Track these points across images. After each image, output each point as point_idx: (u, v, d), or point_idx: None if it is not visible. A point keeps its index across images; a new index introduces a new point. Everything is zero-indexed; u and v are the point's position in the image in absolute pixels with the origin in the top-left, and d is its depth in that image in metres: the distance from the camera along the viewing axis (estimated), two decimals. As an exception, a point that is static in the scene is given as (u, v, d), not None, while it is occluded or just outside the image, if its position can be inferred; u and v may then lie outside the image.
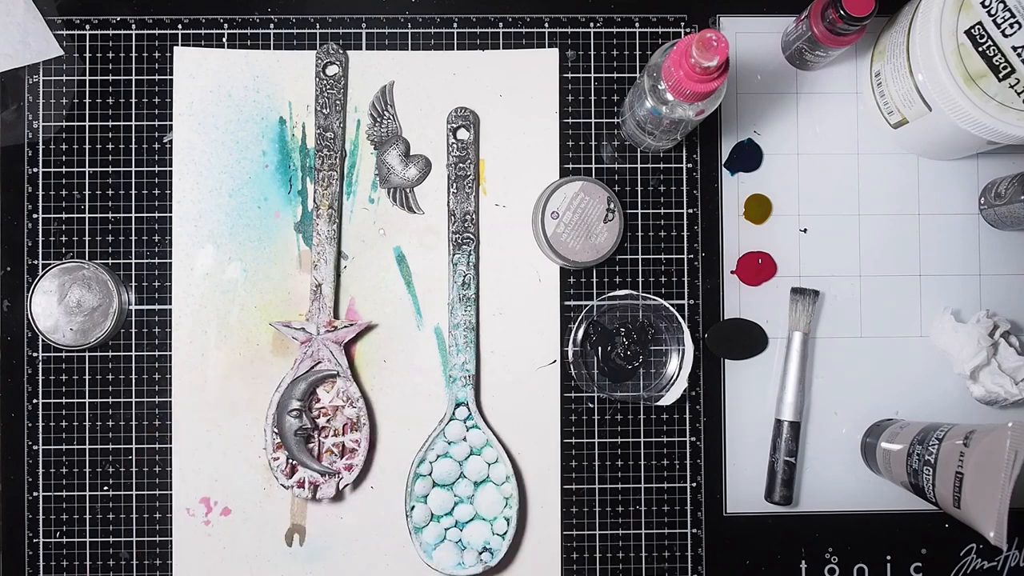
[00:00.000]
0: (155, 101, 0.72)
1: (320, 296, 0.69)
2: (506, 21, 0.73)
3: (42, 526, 0.70)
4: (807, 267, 0.72)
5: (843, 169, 0.73)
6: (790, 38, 0.71)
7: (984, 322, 0.70)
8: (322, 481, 0.67)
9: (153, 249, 0.71)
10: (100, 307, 0.69)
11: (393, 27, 0.72)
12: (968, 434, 0.62)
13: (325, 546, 0.70)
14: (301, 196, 0.71)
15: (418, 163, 0.71)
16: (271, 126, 0.71)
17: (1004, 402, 0.70)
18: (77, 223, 0.71)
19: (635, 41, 0.73)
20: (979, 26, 0.62)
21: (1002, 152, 0.73)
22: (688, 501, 0.72)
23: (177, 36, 0.72)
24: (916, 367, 0.72)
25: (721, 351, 0.72)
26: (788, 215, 0.73)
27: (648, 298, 0.70)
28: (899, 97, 0.68)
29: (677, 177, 0.73)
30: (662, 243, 0.72)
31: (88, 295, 0.69)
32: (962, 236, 0.73)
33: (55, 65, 0.71)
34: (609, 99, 0.73)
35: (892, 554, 0.72)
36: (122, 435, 0.70)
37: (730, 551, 0.72)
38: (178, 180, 0.71)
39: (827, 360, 0.72)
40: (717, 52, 0.55)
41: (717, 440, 0.72)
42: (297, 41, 0.72)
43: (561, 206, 0.68)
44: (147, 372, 0.71)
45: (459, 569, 0.68)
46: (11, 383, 0.70)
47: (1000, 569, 0.72)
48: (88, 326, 0.69)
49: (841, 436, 0.72)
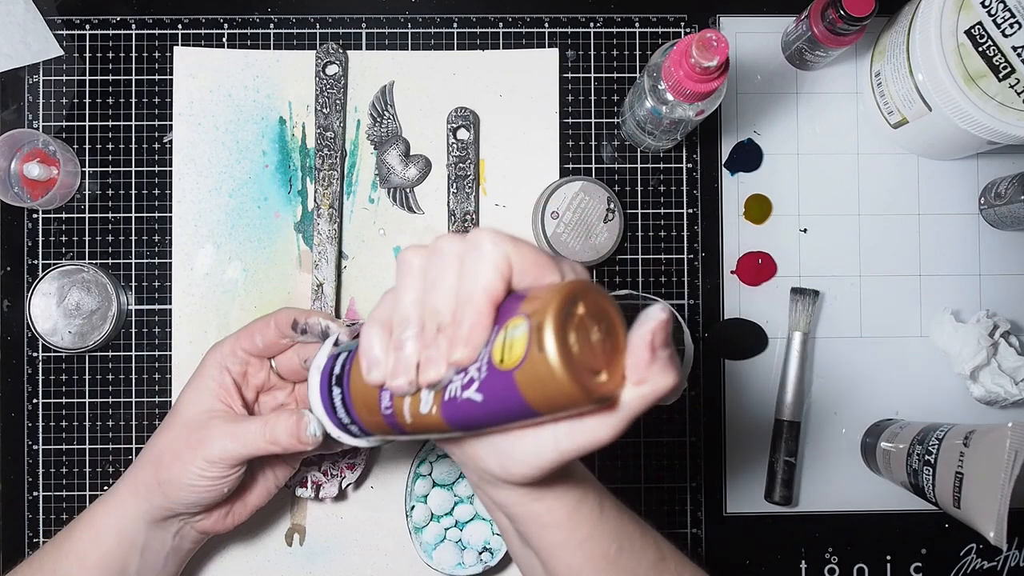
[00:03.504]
0: (155, 101, 0.72)
1: (322, 296, 0.69)
2: (506, 21, 0.73)
3: (42, 526, 0.70)
4: (807, 267, 0.72)
5: (843, 169, 0.73)
6: (790, 38, 0.71)
7: (984, 322, 0.70)
8: (324, 481, 0.67)
9: (153, 249, 0.71)
10: (99, 310, 0.69)
11: (393, 27, 0.72)
12: (968, 434, 0.62)
13: (325, 546, 0.70)
14: (301, 196, 0.71)
15: (418, 163, 0.71)
16: (271, 126, 0.71)
17: (1004, 402, 0.70)
18: (77, 223, 0.71)
19: (635, 41, 0.73)
20: (979, 26, 0.62)
21: (1002, 152, 0.73)
22: (688, 501, 0.72)
23: (177, 36, 0.72)
24: (916, 367, 0.72)
25: (721, 351, 0.72)
26: (788, 215, 0.73)
27: (648, 298, 0.70)
28: (899, 97, 0.68)
29: (677, 177, 0.73)
30: (662, 243, 0.72)
31: (87, 298, 0.69)
32: (962, 236, 0.73)
33: (55, 65, 0.71)
34: (609, 99, 0.73)
35: (892, 554, 0.72)
36: (122, 435, 0.70)
37: (730, 551, 0.72)
38: (178, 180, 0.71)
39: (827, 360, 0.72)
40: (717, 52, 0.55)
41: (717, 440, 0.72)
42: (297, 41, 0.72)
43: (561, 206, 0.68)
44: (147, 372, 0.71)
45: (459, 569, 0.68)
46: (11, 383, 0.70)
47: (1000, 569, 0.72)
48: (87, 329, 0.69)
49: (841, 436, 0.72)
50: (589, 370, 0.37)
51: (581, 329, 0.37)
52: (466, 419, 0.39)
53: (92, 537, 0.55)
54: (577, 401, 0.36)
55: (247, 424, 0.52)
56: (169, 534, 0.57)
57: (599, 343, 0.37)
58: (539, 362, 0.36)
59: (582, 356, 0.36)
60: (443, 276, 0.39)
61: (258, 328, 0.55)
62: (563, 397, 0.36)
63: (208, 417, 0.53)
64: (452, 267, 0.39)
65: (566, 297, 0.36)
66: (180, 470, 0.52)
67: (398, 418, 0.42)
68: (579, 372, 0.36)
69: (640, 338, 0.37)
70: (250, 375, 0.57)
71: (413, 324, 0.40)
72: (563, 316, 0.36)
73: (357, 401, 0.44)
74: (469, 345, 0.38)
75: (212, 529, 0.57)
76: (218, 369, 0.55)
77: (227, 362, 0.55)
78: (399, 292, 0.40)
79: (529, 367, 0.36)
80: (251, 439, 0.52)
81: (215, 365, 0.55)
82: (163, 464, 0.53)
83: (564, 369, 0.35)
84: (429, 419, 0.40)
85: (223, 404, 0.54)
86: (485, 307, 0.38)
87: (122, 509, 0.55)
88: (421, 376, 0.39)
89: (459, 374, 0.39)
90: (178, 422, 0.54)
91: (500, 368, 0.37)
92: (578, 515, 0.46)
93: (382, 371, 0.41)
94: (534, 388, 0.36)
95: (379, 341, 0.41)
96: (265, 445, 0.51)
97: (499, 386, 0.37)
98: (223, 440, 0.52)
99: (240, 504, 0.58)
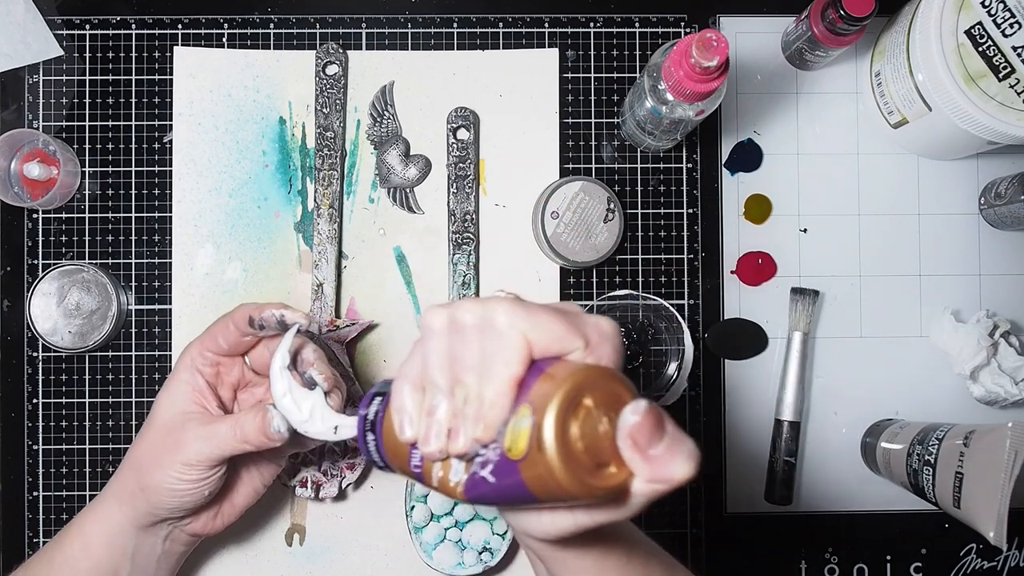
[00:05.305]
0: (155, 101, 0.72)
1: (322, 295, 0.69)
2: (506, 21, 0.73)
3: (42, 526, 0.70)
4: (807, 267, 0.72)
5: (843, 169, 0.73)
6: (790, 38, 0.71)
7: (984, 322, 0.70)
8: (324, 480, 0.67)
9: (153, 249, 0.71)
10: (99, 310, 0.69)
11: (393, 27, 0.72)
12: (968, 434, 0.62)
13: (325, 546, 0.70)
14: (301, 196, 0.71)
15: (418, 163, 0.71)
16: (271, 126, 0.71)
17: (1004, 402, 0.70)
18: (77, 223, 0.71)
19: (635, 41, 0.73)
20: (979, 26, 0.62)
21: (1002, 152, 0.73)
22: (688, 501, 0.72)
23: (177, 36, 0.72)
24: (916, 367, 0.72)
25: (721, 351, 0.72)
26: (788, 215, 0.73)
27: (648, 298, 0.70)
28: (899, 97, 0.68)
29: (677, 177, 0.73)
30: (662, 243, 0.72)
31: (87, 298, 0.69)
32: (962, 236, 0.73)
33: (55, 65, 0.71)
34: (609, 99, 0.73)
35: (892, 554, 0.72)
36: (122, 435, 0.70)
37: (730, 551, 0.72)
38: (178, 180, 0.71)
39: (827, 360, 0.72)
40: (717, 52, 0.55)
41: (717, 440, 0.72)
42: (297, 41, 0.72)
43: (561, 206, 0.68)
44: (147, 372, 0.71)
45: (459, 569, 0.68)
46: (11, 383, 0.70)
47: (1000, 569, 0.72)
48: (87, 329, 0.69)
49: (841, 436, 0.72)
50: (595, 464, 0.36)
51: (588, 421, 0.36)
52: (481, 496, 0.39)
53: (82, 546, 0.55)
54: (580, 498, 0.35)
55: (218, 425, 0.52)
56: (159, 539, 0.57)
57: (607, 434, 0.36)
58: (539, 461, 0.35)
59: (588, 451, 0.35)
60: (464, 352, 0.39)
61: (219, 330, 0.55)
62: (565, 495, 0.35)
63: (183, 420, 0.53)
64: (473, 343, 0.39)
65: (570, 392, 0.35)
66: (161, 475, 0.52)
67: (426, 480, 0.42)
68: (580, 471, 0.35)
69: (622, 443, 0.36)
70: (223, 374, 0.56)
71: (443, 389, 0.39)
72: (565, 412, 0.35)
73: (389, 452, 0.44)
74: (487, 424, 0.38)
75: (202, 531, 0.57)
76: (189, 372, 0.55)
77: (197, 364, 0.55)
78: (426, 356, 0.40)
79: (531, 463, 0.35)
80: (223, 439, 0.51)
81: (186, 368, 0.55)
82: (144, 470, 0.53)
83: (564, 470, 0.34)
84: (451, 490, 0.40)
85: (197, 406, 0.54)
86: (504, 387, 0.37)
87: (109, 517, 0.55)
88: (451, 445, 0.39)
89: (485, 448, 0.38)
90: (155, 426, 0.54)
91: (509, 457, 0.37)
92: (604, 562, 0.46)
93: (415, 431, 0.40)
94: (537, 483, 0.36)
95: (411, 400, 0.41)
96: (236, 444, 0.51)
97: (508, 473, 0.37)
98: (197, 442, 0.52)
99: (228, 505, 0.58)
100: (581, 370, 0.36)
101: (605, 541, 0.46)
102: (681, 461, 0.36)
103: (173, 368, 0.56)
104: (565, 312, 0.40)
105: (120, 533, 0.55)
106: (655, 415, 0.36)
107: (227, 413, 0.56)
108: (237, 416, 0.52)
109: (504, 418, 0.37)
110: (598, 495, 0.36)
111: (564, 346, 0.38)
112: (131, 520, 0.55)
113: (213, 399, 0.55)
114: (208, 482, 0.53)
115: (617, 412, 0.36)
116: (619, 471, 0.36)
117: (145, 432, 0.55)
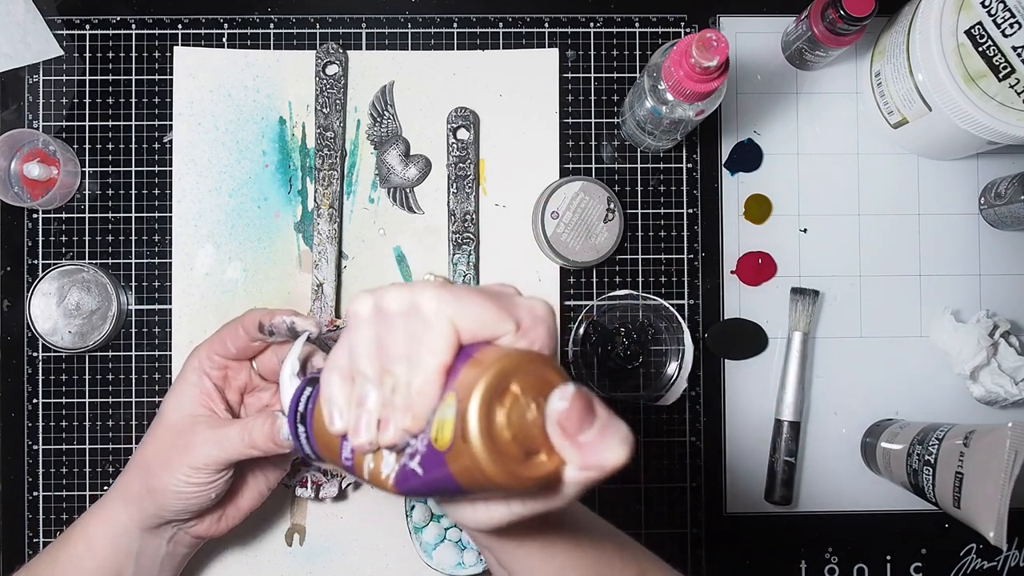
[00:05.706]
0: (155, 101, 0.72)
1: (322, 295, 0.69)
2: (506, 21, 0.73)
3: (42, 526, 0.70)
4: (807, 267, 0.72)
5: (843, 169, 0.73)
6: (790, 38, 0.71)
7: (984, 322, 0.70)
8: (324, 480, 0.67)
9: (153, 249, 0.71)
10: (99, 310, 0.69)
11: (393, 27, 0.72)
12: (968, 434, 0.62)
13: (325, 546, 0.70)
14: (301, 196, 0.71)
15: (418, 163, 0.71)
16: (271, 126, 0.71)
17: (1004, 402, 0.70)
18: (77, 223, 0.71)
19: (635, 41, 0.73)
20: (979, 26, 0.62)
21: (1002, 152, 0.73)
22: (688, 501, 0.72)
23: (177, 36, 0.72)
24: (916, 367, 0.72)
25: (721, 351, 0.72)
26: (788, 215, 0.73)
27: (648, 298, 0.70)
28: (899, 97, 0.68)
29: (677, 177, 0.73)
30: (662, 243, 0.72)
31: (87, 298, 0.69)
32: (962, 236, 0.73)
33: (55, 65, 0.71)
34: (609, 99, 0.73)
35: (892, 554, 0.72)
36: (122, 435, 0.70)
37: (730, 551, 0.72)
38: (178, 180, 0.71)
39: (827, 360, 0.72)
40: (717, 52, 0.55)
41: (717, 440, 0.72)
42: (297, 41, 0.72)
43: (561, 206, 0.68)
44: (147, 372, 0.71)
45: (459, 569, 0.68)
46: (11, 383, 0.70)
47: (1000, 569, 0.72)
48: (87, 329, 0.69)
49: (841, 436, 0.72)
50: (524, 453, 0.34)
51: (515, 409, 0.34)
52: (412, 489, 0.38)
53: (87, 546, 0.55)
54: (508, 488, 0.34)
55: (227, 429, 0.52)
56: (163, 540, 0.57)
57: (536, 422, 0.35)
58: (465, 452, 0.34)
59: (516, 440, 0.34)
60: (391, 340, 0.37)
61: (228, 334, 0.55)
62: (494, 486, 0.34)
63: (192, 422, 0.53)
64: (399, 330, 0.37)
65: (494, 378, 0.34)
66: (169, 478, 0.52)
67: (357, 472, 0.40)
68: (508, 461, 0.34)
69: (551, 430, 0.35)
70: (231, 377, 0.56)
71: (371, 379, 0.38)
72: (490, 399, 0.34)
73: (320, 444, 0.43)
74: (416, 414, 0.36)
75: (206, 534, 0.57)
76: (197, 374, 0.55)
77: (205, 367, 0.55)
78: (353, 345, 0.39)
79: (457, 454, 0.34)
80: (231, 444, 0.51)
81: (194, 370, 0.55)
82: (152, 472, 0.53)
83: (490, 460, 0.33)
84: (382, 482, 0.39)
85: (205, 408, 0.54)
86: (432, 375, 0.36)
87: (114, 518, 0.55)
88: (381, 436, 0.38)
89: (414, 438, 0.37)
90: (163, 428, 0.54)
91: (435, 448, 0.35)
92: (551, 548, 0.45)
93: (344, 422, 0.39)
94: (464, 475, 0.34)
95: (340, 391, 0.39)
96: (245, 449, 0.51)
97: (435, 465, 0.35)
98: (206, 446, 0.52)
99: (232, 508, 0.58)
100: (507, 355, 0.35)
101: (550, 527, 0.45)
102: (613, 446, 0.34)
103: (180, 370, 0.56)
104: (496, 295, 0.38)
105: (125, 534, 0.55)
106: (584, 399, 0.35)
107: (234, 416, 0.56)
108: (246, 421, 0.52)
109: (433, 407, 0.36)
110: (529, 485, 0.34)
111: (494, 330, 0.37)
112: (136, 521, 0.55)
113: (221, 402, 0.55)
114: (215, 485, 0.53)
115: (547, 398, 0.35)
116: (550, 459, 0.35)
117: (153, 434, 0.55)
